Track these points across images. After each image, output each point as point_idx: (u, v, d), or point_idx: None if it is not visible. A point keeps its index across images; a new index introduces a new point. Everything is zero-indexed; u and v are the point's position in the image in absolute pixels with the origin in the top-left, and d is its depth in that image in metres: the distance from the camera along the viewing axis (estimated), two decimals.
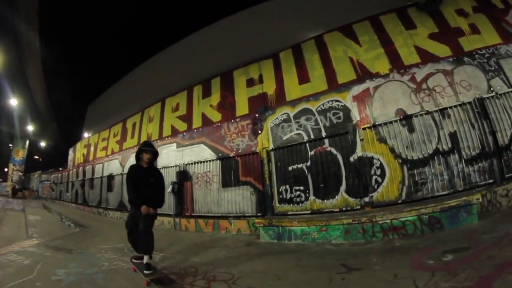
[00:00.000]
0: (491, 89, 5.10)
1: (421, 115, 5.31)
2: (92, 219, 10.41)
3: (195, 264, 4.08)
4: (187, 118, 8.99)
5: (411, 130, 5.32)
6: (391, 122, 5.45)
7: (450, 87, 5.42)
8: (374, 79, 5.97)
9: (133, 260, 3.91)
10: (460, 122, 5.08)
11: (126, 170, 10.49)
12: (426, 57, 5.80)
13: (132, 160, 9.18)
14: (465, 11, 5.93)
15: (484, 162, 4.80)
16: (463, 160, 4.90)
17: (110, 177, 11.57)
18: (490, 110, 4.95)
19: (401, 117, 5.41)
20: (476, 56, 5.41)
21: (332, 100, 6.22)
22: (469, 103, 5.07)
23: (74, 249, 5.16)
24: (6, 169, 32.12)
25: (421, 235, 3.99)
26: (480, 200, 4.20)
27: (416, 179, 5.06)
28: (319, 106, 6.33)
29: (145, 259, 3.56)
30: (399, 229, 4.18)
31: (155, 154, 4.12)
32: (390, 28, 6.37)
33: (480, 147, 4.86)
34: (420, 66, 5.74)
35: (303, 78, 6.94)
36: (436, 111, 5.26)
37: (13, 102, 21.46)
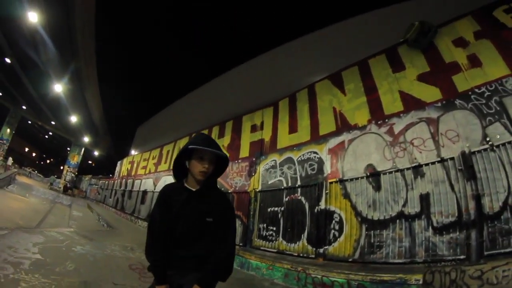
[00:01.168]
0: (487, 139, 4.22)
1: (391, 172, 5.04)
2: (123, 223, 12.54)
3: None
4: None
5: (378, 188, 5.13)
6: (357, 178, 5.43)
7: (432, 139, 4.82)
8: (350, 131, 6.02)
9: None
10: (436, 182, 4.47)
11: (158, 188, 12.41)
12: (410, 104, 5.36)
13: (168, 180, 11.49)
14: (465, 39, 5.14)
15: (458, 233, 4.06)
16: (430, 228, 4.32)
17: (144, 192, 13.82)
18: (480, 167, 4.12)
19: (369, 173, 5.34)
20: (472, 96, 4.62)
21: (311, 152, 6.57)
22: (452, 158, 4.40)
23: (95, 239, 6.85)
24: (62, 168, 37.33)
25: None
26: (421, 282, 3.80)
27: (372, 240, 4.89)
28: (300, 156, 6.76)
29: None
30: (328, 287, 4.43)
31: (221, 162, 1.87)
32: (377, 73, 6.19)
33: (457, 214, 4.15)
34: (401, 115, 5.38)
35: (293, 128, 7.44)
36: (408, 168, 4.86)
37: (73, 118, 26.48)
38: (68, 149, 37.25)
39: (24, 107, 28.92)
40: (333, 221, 5.55)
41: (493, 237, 3.76)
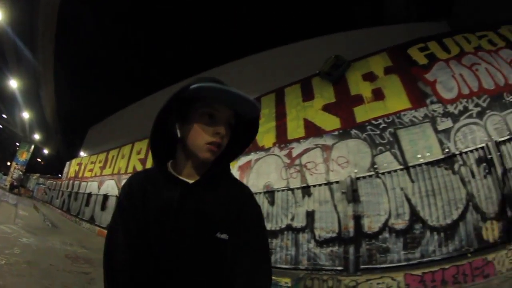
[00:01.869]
0: (374, 166, 4.73)
1: (284, 190, 5.64)
2: (67, 224, 12.55)
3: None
4: (144, 161, 10.80)
5: (272, 203, 5.73)
6: (256, 193, 5.91)
7: (323, 164, 5.44)
8: (257, 152, 6.64)
9: None
10: (321, 202, 5.06)
11: (102, 191, 12.39)
12: (311, 131, 5.98)
13: (111, 185, 12.49)
14: (374, 74, 5.64)
15: (337, 247, 4.57)
16: (313, 240, 4.88)
17: (89, 195, 13.63)
18: (363, 191, 4.64)
19: (266, 190, 5.96)
20: (368, 127, 5.12)
21: None
22: (337, 182, 4.94)
23: (39, 235, 7.51)
24: (9, 164, 34.04)
25: None
26: (289, 285, 4.41)
27: None
28: None
29: None
30: None
31: (240, 129, 0.95)
32: (289, 101, 6.85)
33: (337, 231, 4.67)
34: (301, 141, 6.02)
35: None
36: (298, 188, 5.45)
37: (25, 114, 25.58)
38: (18, 144, 34.33)
39: None
40: None
41: (370, 253, 4.26)
